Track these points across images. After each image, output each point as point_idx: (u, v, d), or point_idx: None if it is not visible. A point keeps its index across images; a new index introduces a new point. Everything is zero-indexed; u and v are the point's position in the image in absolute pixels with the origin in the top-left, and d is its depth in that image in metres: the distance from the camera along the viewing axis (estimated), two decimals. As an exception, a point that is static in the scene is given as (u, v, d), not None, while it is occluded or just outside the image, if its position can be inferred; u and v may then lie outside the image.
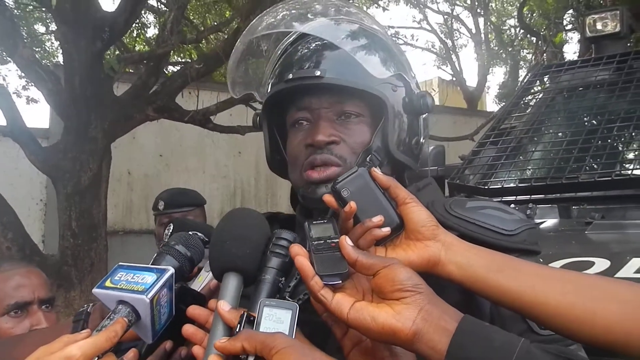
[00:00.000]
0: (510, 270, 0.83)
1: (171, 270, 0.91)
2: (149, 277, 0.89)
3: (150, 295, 0.86)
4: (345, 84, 1.02)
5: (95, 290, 0.89)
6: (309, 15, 1.10)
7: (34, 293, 1.76)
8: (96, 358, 0.82)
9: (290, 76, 1.05)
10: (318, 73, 1.02)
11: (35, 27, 9.82)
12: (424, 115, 1.13)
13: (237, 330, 0.80)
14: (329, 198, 0.91)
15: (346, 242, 0.82)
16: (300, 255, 0.82)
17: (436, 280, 0.89)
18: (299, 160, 1.06)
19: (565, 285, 0.81)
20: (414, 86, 1.12)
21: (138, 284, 0.88)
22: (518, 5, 11.75)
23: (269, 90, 1.11)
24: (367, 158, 1.02)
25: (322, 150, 1.02)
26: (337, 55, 1.04)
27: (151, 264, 0.95)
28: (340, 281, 0.81)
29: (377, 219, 0.88)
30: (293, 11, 1.13)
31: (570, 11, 9.60)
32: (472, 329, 0.74)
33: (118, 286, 0.88)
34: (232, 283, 0.88)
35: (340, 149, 1.03)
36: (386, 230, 0.88)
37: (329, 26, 1.09)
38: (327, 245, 0.84)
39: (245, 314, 0.81)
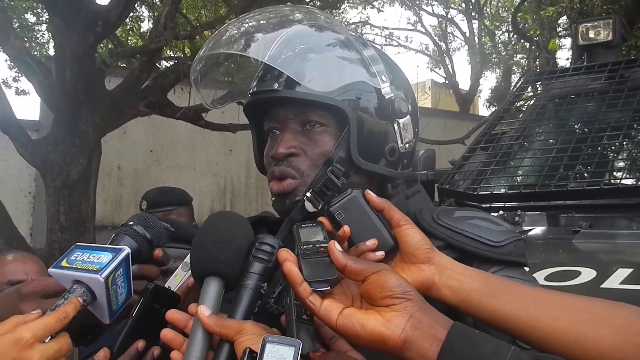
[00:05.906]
0: (504, 294, 0.84)
1: (127, 250, 0.91)
2: (105, 257, 0.89)
3: (104, 274, 0.86)
4: (300, 96, 1.02)
5: (50, 270, 0.89)
6: (266, 29, 1.10)
7: (27, 275, 1.80)
8: (48, 338, 0.81)
9: (254, 90, 1.07)
10: (276, 86, 1.03)
11: (26, 16, 9.73)
12: (402, 120, 1.09)
13: None
14: (324, 220, 0.92)
15: (335, 247, 0.82)
16: (289, 261, 0.81)
17: None
18: (268, 170, 1.08)
19: (558, 309, 0.82)
20: (387, 90, 1.07)
21: (93, 263, 0.88)
22: (513, 10, 11.77)
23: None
24: (328, 169, 1.02)
25: (281, 163, 1.03)
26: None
27: (109, 244, 0.94)
28: (329, 287, 0.80)
29: (371, 242, 0.88)
30: (262, 22, 1.13)
31: (564, 17, 9.62)
32: (462, 336, 0.74)
33: (74, 266, 0.88)
34: (212, 288, 0.87)
35: (299, 161, 1.03)
36: (380, 254, 0.89)
37: (280, 42, 1.05)
38: (315, 250, 0.84)
39: (248, 349, 0.78)
